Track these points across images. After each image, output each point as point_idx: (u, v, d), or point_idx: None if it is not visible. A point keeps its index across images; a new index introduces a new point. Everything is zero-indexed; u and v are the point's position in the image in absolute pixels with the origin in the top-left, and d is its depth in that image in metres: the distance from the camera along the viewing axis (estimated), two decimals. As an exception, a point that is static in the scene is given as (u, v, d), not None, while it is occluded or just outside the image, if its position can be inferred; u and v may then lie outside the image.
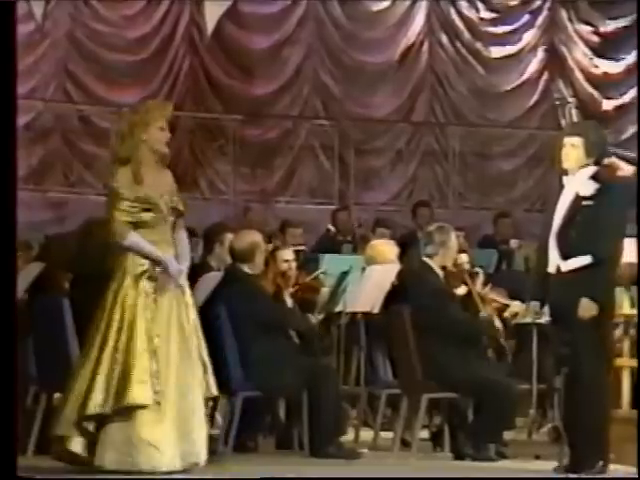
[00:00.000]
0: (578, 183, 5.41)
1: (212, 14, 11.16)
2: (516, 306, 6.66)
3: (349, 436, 6.42)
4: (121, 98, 10.90)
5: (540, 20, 12.17)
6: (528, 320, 6.50)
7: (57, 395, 5.85)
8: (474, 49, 12.01)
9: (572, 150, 5.43)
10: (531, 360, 6.38)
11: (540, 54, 12.18)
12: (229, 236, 6.48)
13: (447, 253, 6.22)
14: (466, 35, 11.99)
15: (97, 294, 5.56)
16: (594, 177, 5.41)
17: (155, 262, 5.10)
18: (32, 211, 10.07)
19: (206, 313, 5.62)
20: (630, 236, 5.96)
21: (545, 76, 12.16)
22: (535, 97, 12.10)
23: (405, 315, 6.13)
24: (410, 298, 6.17)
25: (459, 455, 6.04)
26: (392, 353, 6.43)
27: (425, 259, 6.23)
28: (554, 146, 12.31)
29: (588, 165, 5.41)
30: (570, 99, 5.66)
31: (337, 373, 6.37)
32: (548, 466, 5.41)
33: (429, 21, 11.89)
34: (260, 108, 11.36)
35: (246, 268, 6.05)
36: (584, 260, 5.32)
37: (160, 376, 5.00)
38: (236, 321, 5.90)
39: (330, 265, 6.89)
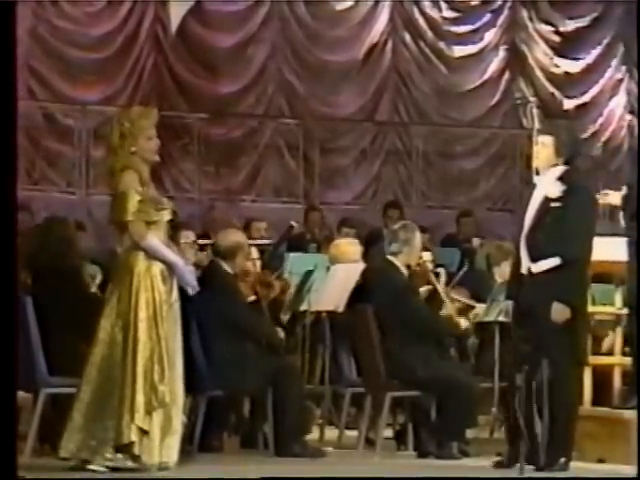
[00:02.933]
0: (547, 184, 5.44)
1: (176, 12, 11.11)
2: (479, 309, 6.72)
3: (314, 435, 6.44)
4: (85, 96, 10.84)
5: (501, 19, 12.25)
6: (491, 319, 6.57)
7: (20, 393, 5.84)
8: (437, 48, 12.05)
9: (542, 149, 5.46)
10: (493, 358, 6.43)
11: (501, 53, 12.26)
12: (184, 234, 6.46)
13: (411, 251, 6.26)
14: (429, 34, 12.04)
15: (59, 290, 5.57)
16: (562, 178, 5.45)
17: (165, 262, 5.15)
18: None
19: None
20: (620, 235, 6.01)
21: (506, 75, 12.24)
22: (497, 96, 12.17)
23: (369, 314, 6.17)
24: (374, 297, 6.22)
25: (422, 453, 6.10)
26: (356, 352, 6.47)
27: (389, 257, 6.27)
28: (516, 145, 12.45)
29: (558, 165, 5.45)
30: (531, 98, 5.71)
31: (302, 372, 6.39)
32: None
33: (393, 20, 11.92)
34: (225, 107, 11.32)
35: (226, 266, 6.06)
36: (553, 262, 5.33)
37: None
38: (203, 319, 5.90)
39: (295, 264, 6.91)
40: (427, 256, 6.60)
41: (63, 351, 5.62)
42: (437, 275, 6.64)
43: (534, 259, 5.38)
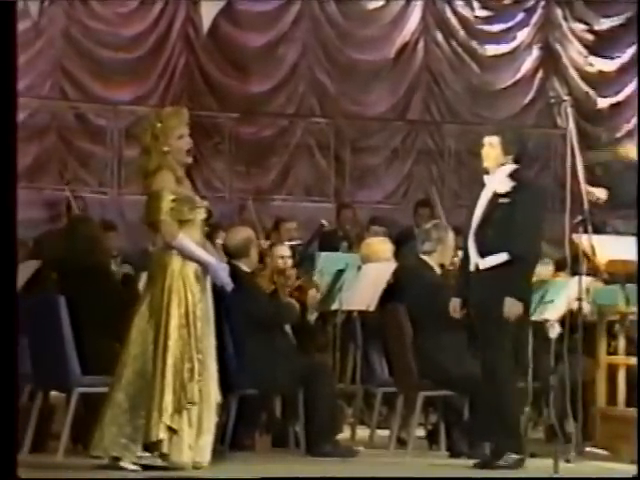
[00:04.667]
0: (496, 181, 5.47)
1: (208, 12, 11.17)
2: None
3: (345, 434, 6.42)
4: (117, 96, 10.91)
5: (535, 18, 12.18)
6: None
7: (53, 393, 5.86)
8: (469, 47, 12.02)
9: (491, 149, 5.52)
10: (527, 358, 6.38)
11: (535, 52, 12.19)
12: (222, 235, 6.50)
13: (445, 250, 6.23)
14: (461, 33, 12.01)
15: (87, 289, 5.59)
16: (512, 175, 5.46)
17: (199, 262, 5.16)
18: (27, 209, 10.05)
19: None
20: (626, 234, 5.98)
21: (540, 74, 12.17)
22: (530, 95, 12.11)
23: (401, 313, 6.13)
24: (406, 296, 6.18)
25: (455, 453, 6.05)
26: (388, 351, 6.43)
27: (422, 256, 6.24)
28: (549, 144, 12.36)
29: (506, 163, 5.46)
30: (565, 97, 5.67)
31: (333, 371, 6.37)
32: (543, 464, 5.42)
33: (424, 19, 11.90)
34: (256, 106, 11.34)
35: (242, 265, 6.05)
36: (501, 258, 5.35)
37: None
38: (233, 319, 5.90)
39: (326, 263, 6.89)
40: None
41: (95, 350, 5.63)
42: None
43: (482, 255, 5.40)
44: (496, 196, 5.44)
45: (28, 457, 5.56)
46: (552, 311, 6.30)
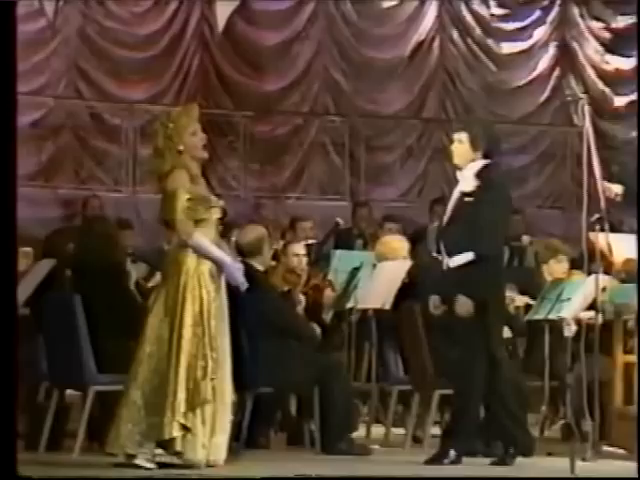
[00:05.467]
0: (464, 179, 5.47)
1: (223, 11, 11.18)
2: (520, 300, 6.64)
3: (361, 432, 6.40)
4: (132, 95, 10.93)
5: (551, 16, 12.13)
6: (541, 317, 6.47)
7: (69, 391, 5.87)
8: (485, 45, 11.99)
9: (459, 145, 5.51)
10: (543, 357, 6.35)
11: (551, 50, 12.14)
12: (236, 233, 6.49)
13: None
14: (477, 31, 11.98)
15: (103, 288, 5.60)
16: (478, 174, 5.45)
17: (214, 261, 5.17)
18: (42, 208, 10.10)
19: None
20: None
21: (556, 72, 12.12)
22: (546, 93, 12.06)
23: (416, 311, 6.11)
24: (421, 294, 6.15)
25: (470, 452, 6.02)
26: (403, 349, 6.41)
27: (437, 255, 6.21)
28: (566, 142, 12.31)
29: (475, 160, 5.45)
30: (581, 95, 5.63)
31: (348, 369, 6.36)
32: (560, 463, 5.39)
33: (440, 17, 11.87)
34: (270, 104, 11.34)
35: (256, 263, 6.03)
36: (467, 257, 5.36)
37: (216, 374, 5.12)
38: (247, 318, 5.89)
39: (341, 261, 6.87)
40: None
41: (110, 349, 5.63)
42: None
43: (450, 254, 5.42)
44: (463, 195, 5.45)
45: (44, 455, 5.58)
46: (568, 310, 6.27)
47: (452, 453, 5.40)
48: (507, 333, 6.48)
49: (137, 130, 10.56)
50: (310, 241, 7.83)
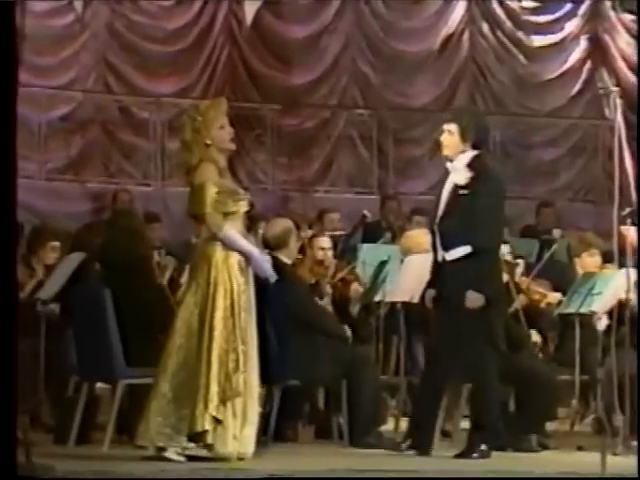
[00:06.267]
0: (456, 171, 5.44)
1: (251, 4, 11.16)
2: (553, 297, 6.59)
3: (389, 426, 6.38)
4: (160, 89, 10.95)
5: (583, 9, 12.03)
6: (572, 310, 6.42)
7: (99, 384, 5.89)
8: (515, 38, 11.90)
9: (449, 137, 5.50)
10: (574, 351, 6.29)
11: (583, 43, 12.03)
12: (264, 225, 6.49)
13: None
14: (507, 24, 11.89)
15: (131, 281, 5.60)
16: (470, 165, 5.42)
17: (243, 254, 5.17)
18: (71, 202, 10.14)
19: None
20: None
21: (588, 65, 12.01)
22: (577, 86, 11.96)
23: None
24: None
25: (500, 446, 5.97)
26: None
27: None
28: (597, 135, 12.18)
29: (465, 151, 5.42)
30: (613, 88, 5.58)
31: (376, 363, 6.33)
32: (591, 458, 5.34)
33: (470, 10, 11.80)
34: (298, 98, 11.32)
35: (283, 256, 6.02)
36: (464, 250, 5.32)
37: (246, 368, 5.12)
38: (275, 311, 5.87)
39: (368, 255, 6.84)
40: (503, 249, 6.47)
41: (139, 342, 5.64)
42: (515, 265, 6.51)
43: (446, 247, 5.39)
44: (457, 187, 5.41)
45: (74, 449, 5.59)
46: (600, 303, 6.21)
47: (482, 447, 5.36)
48: (535, 337, 6.44)
49: (165, 124, 10.57)
50: (337, 232, 7.81)
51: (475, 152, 5.46)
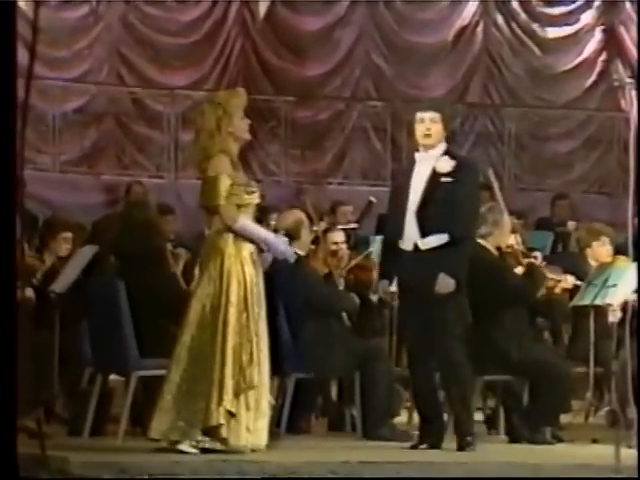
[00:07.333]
0: (434, 159, 5.39)
1: (264, -4, 11.16)
2: (568, 282, 6.55)
3: (402, 418, 6.37)
4: (173, 81, 10.96)
5: (598, 1, 11.96)
6: (586, 302, 6.38)
7: (112, 376, 5.90)
8: (530, 30, 11.86)
9: (433, 125, 5.46)
10: (588, 343, 6.26)
11: (598, 35, 11.97)
12: (274, 217, 6.49)
13: (501, 233, 6.13)
14: (522, 16, 11.85)
15: (144, 273, 5.61)
16: (448, 153, 5.40)
17: (260, 241, 5.18)
18: (85, 194, 10.17)
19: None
20: None
21: (603, 57, 11.95)
22: (592, 78, 11.90)
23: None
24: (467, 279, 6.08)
25: (514, 438, 5.96)
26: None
27: (479, 240, 6.14)
28: (613, 127, 12.11)
29: (443, 140, 5.45)
30: (629, 80, 5.55)
31: (389, 355, 6.32)
32: (605, 450, 5.32)
33: (484, 2, 11.76)
34: (311, 90, 11.32)
35: (295, 248, 6.02)
36: (442, 238, 5.29)
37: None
38: (287, 303, 5.87)
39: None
40: (513, 239, 6.45)
41: (153, 333, 5.64)
42: (532, 257, 6.47)
43: (424, 235, 5.33)
44: (437, 175, 5.36)
45: (88, 440, 5.60)
46: (615, 296, 6.17)
47: (469, 438, 5.34)
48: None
49: (179, 116, 10.59)
50: (350, 226, 7.78)
51: (446, 144, 5.48)
